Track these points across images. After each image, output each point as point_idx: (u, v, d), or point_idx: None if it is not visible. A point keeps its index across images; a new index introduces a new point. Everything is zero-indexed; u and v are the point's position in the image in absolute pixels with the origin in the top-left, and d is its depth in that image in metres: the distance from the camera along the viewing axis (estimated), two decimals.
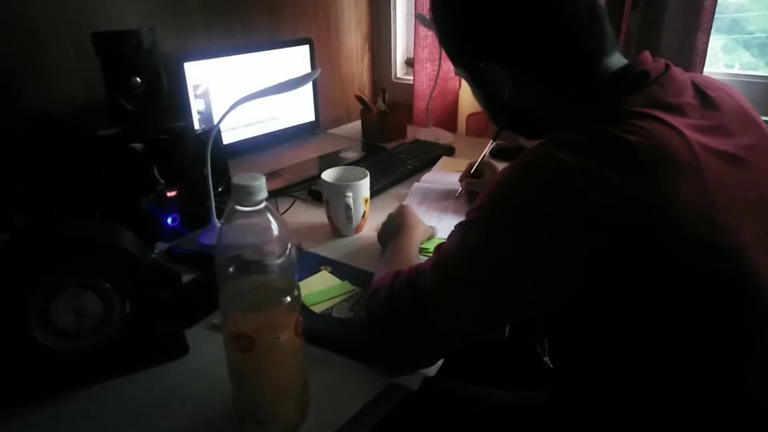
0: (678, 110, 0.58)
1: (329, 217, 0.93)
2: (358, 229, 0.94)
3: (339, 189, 0.89)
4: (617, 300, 0.54)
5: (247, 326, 0.50)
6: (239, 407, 0.55)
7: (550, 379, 0.76)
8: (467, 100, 1.43)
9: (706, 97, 0.61)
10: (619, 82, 0.60)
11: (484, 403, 0.77)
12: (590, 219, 0.51)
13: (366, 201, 0.92)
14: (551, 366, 0.78)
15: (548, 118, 0.64)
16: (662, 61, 0.63)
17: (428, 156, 1.26)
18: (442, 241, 0.73)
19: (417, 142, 1.35)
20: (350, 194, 0.88)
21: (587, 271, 0.52)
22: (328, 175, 0.93)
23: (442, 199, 1.09)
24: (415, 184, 1.14)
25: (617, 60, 0.64)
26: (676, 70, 0.63)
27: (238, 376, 0.53)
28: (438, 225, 0.96)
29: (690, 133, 0.56)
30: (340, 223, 0.91)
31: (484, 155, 1.04)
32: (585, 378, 0.64)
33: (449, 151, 1.32)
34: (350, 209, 0.89)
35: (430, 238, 0.92)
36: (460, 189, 1.06)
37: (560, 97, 0.62)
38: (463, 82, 1.39)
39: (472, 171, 1.04)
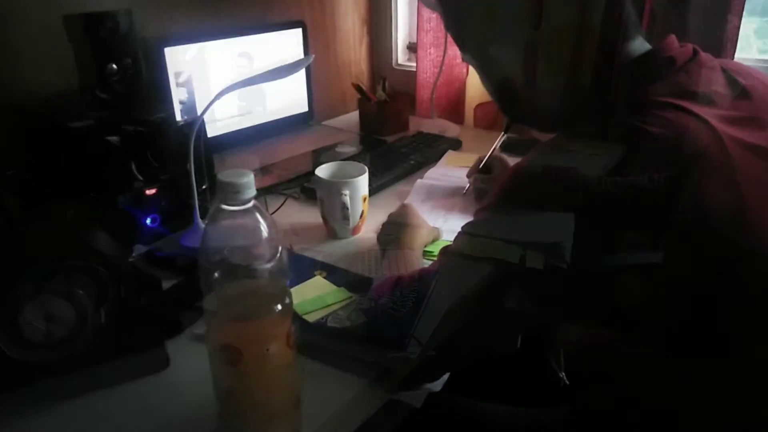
0: (706, 100, 0.58)
1: (324, 218, 0.93)
2: (355, 230, 0.93)
3: (334, 186, 0.89)
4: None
5: (234, 336, 0.50)
6: (226, 425, 0.55)
7: (566, 396, 0.76)
8: (475, 88, 1.43)
9: (737, 85, 0.62)
10: (640, 69, 0.60)
11: (492, 421, 0.78)
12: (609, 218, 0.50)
13: (364, 199, 0.92)
14: (567, 382, 0.78)
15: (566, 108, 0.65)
16: (689, 46, 0.63)
17: (432, 150, 1.26)
18: (448, 243, 0.72)
19: (420, 134, 1.35)
20: (347, 192, 0.88)
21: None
22: (323, 171, 0.92)
23: (448, 196, 1.09)
24: (419, 180, 1.15)
25: (639, 45, 0.64)
26: (705, 56, 0.63)
27: (225, 392, 0.53)
28: (443, 225, 0.96)
29: (720, 125, 0.56)
30: (335, 224, 0.91)
31: (495, 149, 1.04)
32: (605, 395, 0.64)
33: (455, 144, 1.32)
34: (347, 209, 0.88)
35: (434, 240, 0.92)
36: (468, 186, 1.07)
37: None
38: (471, 70, 1.42)
39: (480, 166, 1.05)
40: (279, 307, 0.51)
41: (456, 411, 0.79)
